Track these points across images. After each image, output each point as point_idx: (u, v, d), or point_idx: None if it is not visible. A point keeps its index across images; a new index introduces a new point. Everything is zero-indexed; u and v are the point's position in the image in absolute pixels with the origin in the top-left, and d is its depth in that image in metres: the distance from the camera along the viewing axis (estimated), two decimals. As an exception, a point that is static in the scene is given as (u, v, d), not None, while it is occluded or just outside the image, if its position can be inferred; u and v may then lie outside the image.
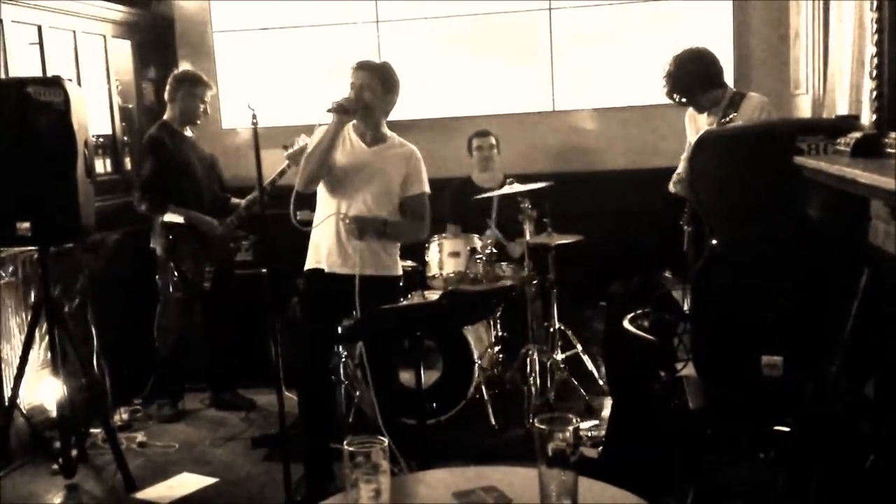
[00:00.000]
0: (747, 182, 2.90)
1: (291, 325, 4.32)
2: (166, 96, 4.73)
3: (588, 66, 5.32)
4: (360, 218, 3.49)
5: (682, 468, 2.94)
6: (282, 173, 4.57)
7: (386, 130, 3.65)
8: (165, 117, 4.75)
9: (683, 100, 3.84)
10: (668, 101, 3.95)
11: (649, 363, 3.27)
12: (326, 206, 3.59)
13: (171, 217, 4.57)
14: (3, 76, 4.21)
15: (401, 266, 3.75)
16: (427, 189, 3.65)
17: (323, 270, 3.58)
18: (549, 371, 4.55)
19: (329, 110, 3.39)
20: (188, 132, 4.78)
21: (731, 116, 3.59)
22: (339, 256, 3.55)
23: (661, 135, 5.10)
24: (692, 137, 4.07)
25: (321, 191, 3.59)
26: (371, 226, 3.49)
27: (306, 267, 3.67)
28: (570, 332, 4.74)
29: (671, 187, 4.13)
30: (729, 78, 5.04)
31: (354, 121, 3.54)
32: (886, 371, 2.46)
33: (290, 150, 4.40)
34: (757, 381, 2.80)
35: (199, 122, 4.80)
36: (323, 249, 3.59)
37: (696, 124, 4.04)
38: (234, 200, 4.86)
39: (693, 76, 3.77)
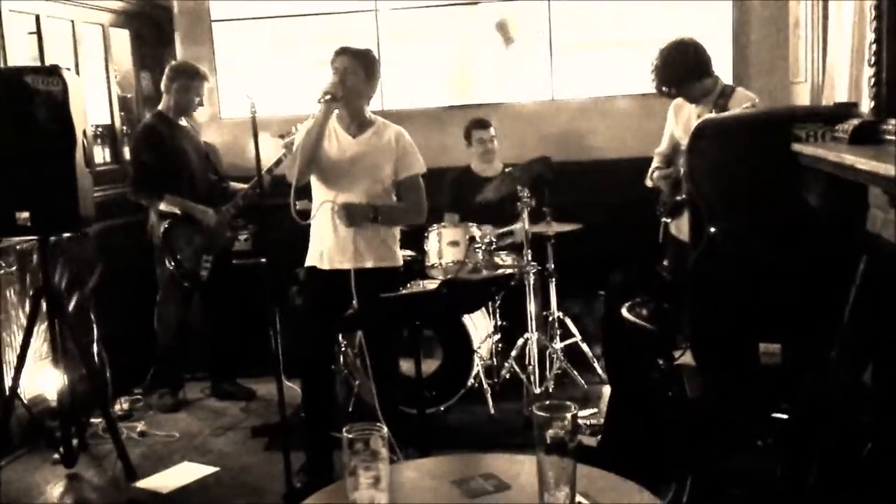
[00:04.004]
0: (746, 169, 2.90)
1: (291, 315, 4.33)
2: (162, 86, 4.72)
3: (587, 55, 5.31)
4: (349, 205, 3.48)
5: (680, 456, 2.95)
6: (278, 162, 4.56)
7: (368, 115, 3.63)
8: (160, 107, 4.74)
9: (672, 91, 3.84)
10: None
11: (647, 351, 3.28)
12: (317, 201, 3.59)
13: (166, 207, 4.57)
14: (1, 65, 4.20)
15: (401, 257, 3.74)
16: (420, 169, 3.62)
17: (321, 268, 3.58)
18: (548, 359, 4.56)
19: (319, 100, 3.38)
20: (183, 121, 4.77)
21: (730, 111, 3.58)
22: (337, 251, 3.55)
23: (660, 124, 5.07)
24: (676, 129, 4.09)
25: (315, 186, 3.59)
26: (360, 212, 3.48)
27: (307, 263, 3.67)
28: (568, 321, 4.75)
29: (648, 182, 4.15)
30: (728, 66, 5.06)
31: (337, 111, 3.53)
32: (885, 359, 2.46)
33: (287, 140, 4.39)
34: (755, 368, 2.80)
35: (193, 114, 4.79)
36: (321, 245, 3.59)
37: (681, 116, 4.04)
38: (234, 185, 4.86)
39: (680, 67, 3.76)
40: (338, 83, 3.45)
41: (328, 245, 3.56)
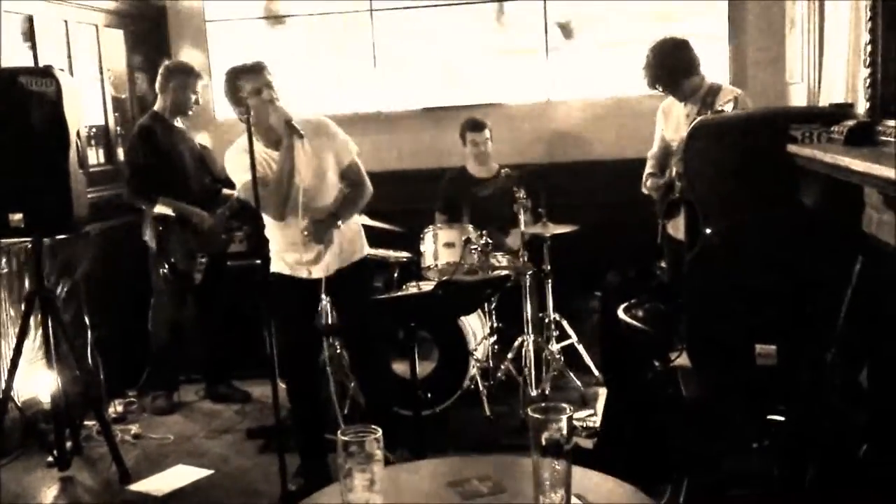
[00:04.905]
0: (741, 170, 2.90)
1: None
2: (157, 87, 4.70)
3: (582, 56, 5.31)
4: (316, 223, 3.44)
5: (676, 457, 2.94)
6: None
7: (288, 116, 3.45)
8: (156, 107, 4.72)
9: (665, 88, 3.92)
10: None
11: (644, 353, 3.28)
12: (270, 222, 3.52)
13: (160, 209, 4.55)
14: (-6, 67, 4.18)
15: (366, 246, 3.75)
16: (355, 150, 3.58)
17: (292, 276, 3.56)
18: (545, 361, 4.56)
19: (301, 136, 3.35)
20: (179, 123, 4.75)
21: (728, 108, 3.60)
22: (308, 263, 3.52)
23: (656, 124, 5.10)
24: (666, 131, 4.13)
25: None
26: (326, 224, 3.46)
27: (273, 269, 3.61)
28: (565, 323, 4.74)
29: (643, 189, 4.18)
30: (725, 67, 5.06)
31: (255, 136, 3.40)
32: (880, 359, 2.46)
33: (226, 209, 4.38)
34: (751, 370, 2.80)
35: (190, 112, 4.77)
36: (289, 258, 3.57)
37: (670, 118, 4.08)
38: (226, 191, 4.83)
39: (672, 64, 3.85)
40: (277, 102, 3.39)
41: (298, 259, 3.53)
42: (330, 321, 4.04)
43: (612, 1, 5.20)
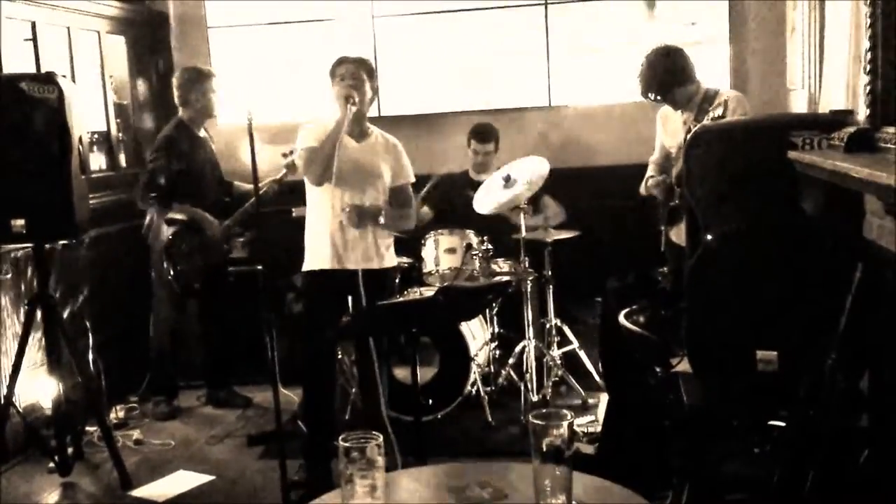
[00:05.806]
0: (742, 177, 2.91)
1: (289, 323, 4.32)
2: (178, 100, 4.69)
3: (584, 61, 5.32)
4: (359, 207, 3.56)
5: (677, 463, 2.94)
6: (279, 181, 4.50)
7: (367, 123, 3.73)
8: (182, 116, 4.70)
9: (658, 97, 3.89)
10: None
11: (645, 358, 3.28)
12: (321, 204, 3.62)
13: (174, 214, 4.55)
14: (-3, 73, 4.19)
15: (395, 259, 3.83)
16: (412, 178, 3.79)
17: (324, 271, 3.61)
18: (546, 367, 4.56)
19: (347, 104, 3.48)
20: (202, 132, 4.77)
21: (717, 113, 3.60)
22: (343, 253, 3.59)
23: (656, 130, 5.10)
24: (664, 138, 4.13)
25: (313, 190, 3.61)
26: (368, 215, 3.56)
27: (306, 268, 3.68)
28: (566, 328, 4.74)
29: (642, 190, 4.17)
30: (725, 74, 5.07)
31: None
32: (881, 365, 2.46)
33: (289, 159, 4.37)
34: (752, 375, 2.80)
35: (216, 114, 4.79)
36: (325, 248, 3.61)
37: (669, 125, 4.08)
38: (239, 185, 4.85)
39: (666, 73, 3.83)
40: (352, 88, 3.52)
41: (334, 248, 3.59)
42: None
43: (613, 1, 5.21)
